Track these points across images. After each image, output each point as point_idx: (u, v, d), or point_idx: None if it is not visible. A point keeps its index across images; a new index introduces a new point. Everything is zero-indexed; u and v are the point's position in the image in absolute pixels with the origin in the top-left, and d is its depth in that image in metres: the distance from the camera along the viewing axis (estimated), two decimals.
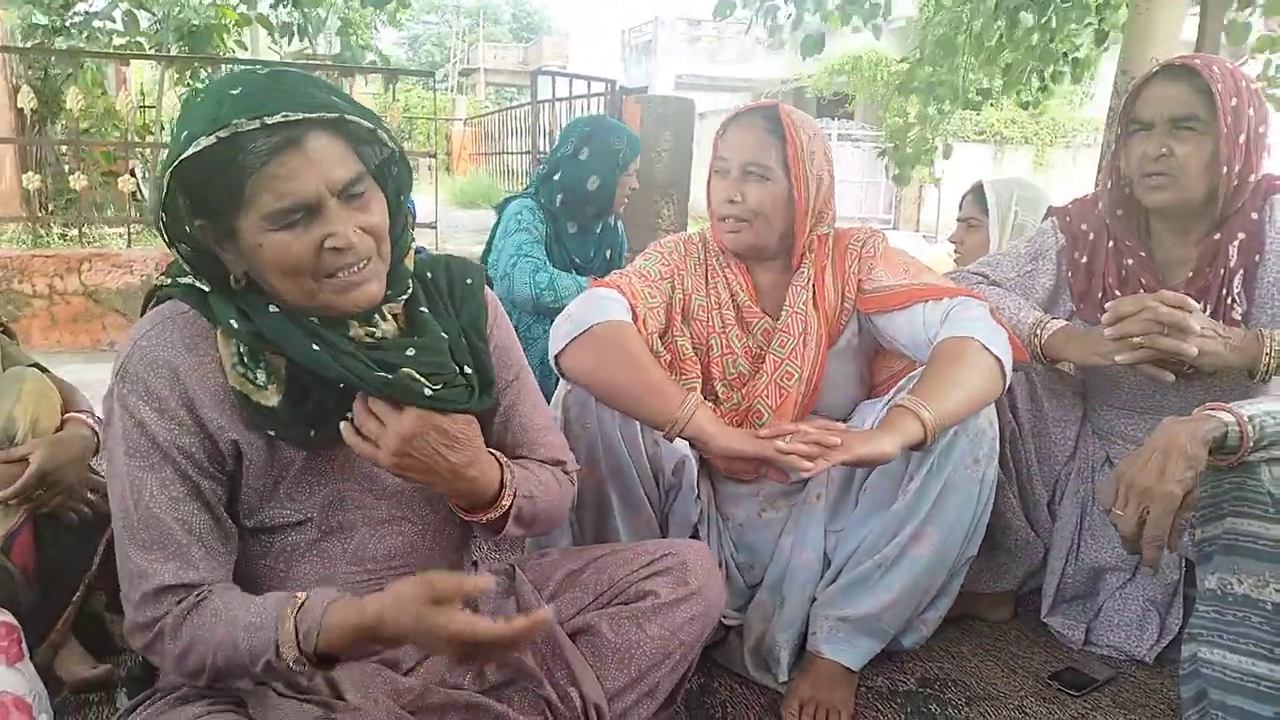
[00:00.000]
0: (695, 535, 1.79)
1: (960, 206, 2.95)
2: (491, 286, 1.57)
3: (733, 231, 1.76)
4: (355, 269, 1.09)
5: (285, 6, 7.37)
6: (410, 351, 1.15)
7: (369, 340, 1.15)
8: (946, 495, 1.62)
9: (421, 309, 1.22)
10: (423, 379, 1.13)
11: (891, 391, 1.74)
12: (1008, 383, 1.63)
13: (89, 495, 1.60)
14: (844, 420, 1.82)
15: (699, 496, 1.80)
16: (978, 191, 2.85)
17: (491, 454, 1.25)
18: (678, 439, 1.60)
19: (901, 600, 1.68)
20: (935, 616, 1.79)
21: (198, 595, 1.11)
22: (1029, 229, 2.50)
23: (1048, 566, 2.02)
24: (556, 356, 1.65)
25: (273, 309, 1.11)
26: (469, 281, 1.30)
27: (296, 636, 1.04)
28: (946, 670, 1.87)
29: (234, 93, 1.03)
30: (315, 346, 1.09)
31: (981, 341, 1.59)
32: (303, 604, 1.06)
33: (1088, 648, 1.95)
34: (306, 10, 7.30)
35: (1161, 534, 1.30)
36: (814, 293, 1.78)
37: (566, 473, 1.42)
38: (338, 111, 1.05)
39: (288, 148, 1.03)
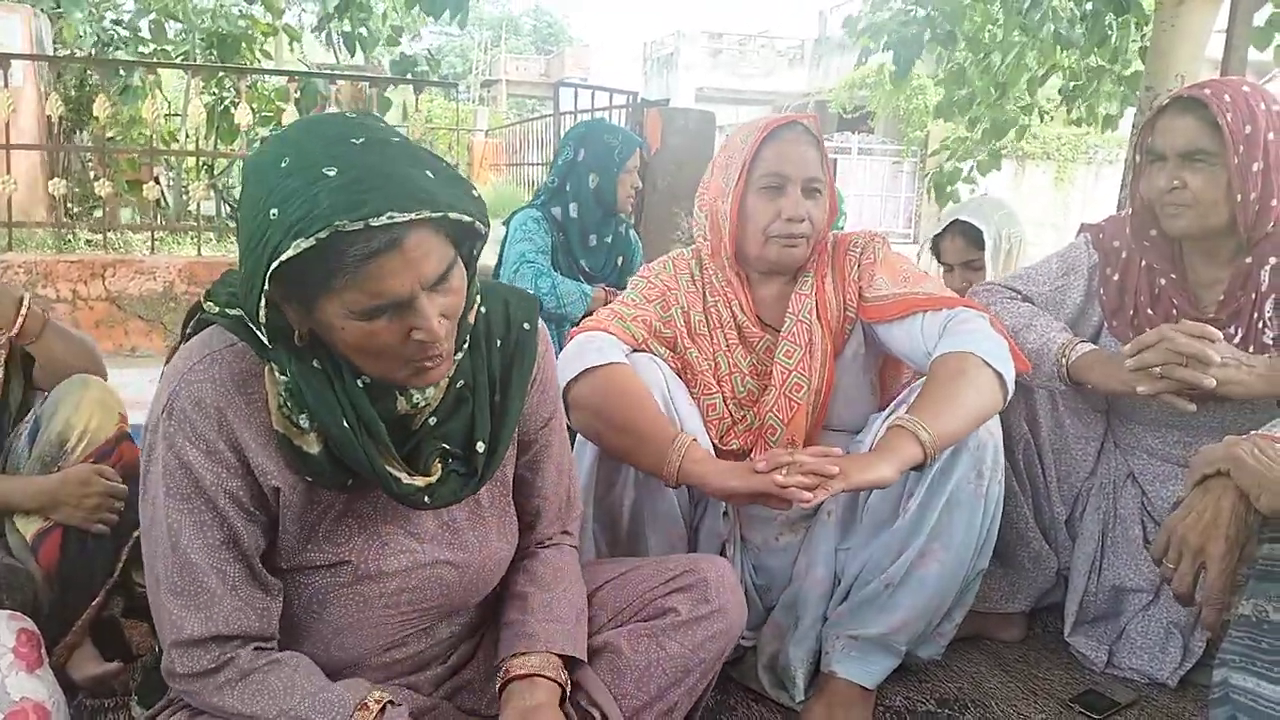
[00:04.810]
0: (722, 551, 1.78)
1: (937, 253, 2.63)
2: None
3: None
4: (436, 358, 1.07)
5: (343, 22, 7.39)
6: (433, 421, 1.16)
7: (404, 412, 1.14)
8: (950, 513, 1.60)
9: (459, 382, 1.19)
10: (423, 489, 1.13)
11: (891, 405, 1.72)
12: (1009, 395, 1.60)
13: (117, 504, 1.61)
14: (857, 434, 1.82)
15: (727, 513, 1.79)
16: (966, 234, 2.54)
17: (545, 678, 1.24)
18: None
19: (913, 619, 1.66)
20: (951, 628, 1.77)
21: (248, 659, 1.11)
22: (1017, 246, 2.46)
23: (1070, 585, 2.00)
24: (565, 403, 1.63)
25: (316, 364, 1.07)
26: (526, 326, 1.26)
27: None
28: (965, 690, 1.85)
29: (330, 175, 0.94)
30: (345, 424, 1.07)
31: (980, 356, 1.57)
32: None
33: (1109, 670, 1.92)
34: (366, 26, 7.33)
35: (1222, 598, 1.22)
36: (816, 301, 1.77)
37: (569, 533, 1.42)
38: (442, 210, 0.98)
39: (388, 250, 0.96)
